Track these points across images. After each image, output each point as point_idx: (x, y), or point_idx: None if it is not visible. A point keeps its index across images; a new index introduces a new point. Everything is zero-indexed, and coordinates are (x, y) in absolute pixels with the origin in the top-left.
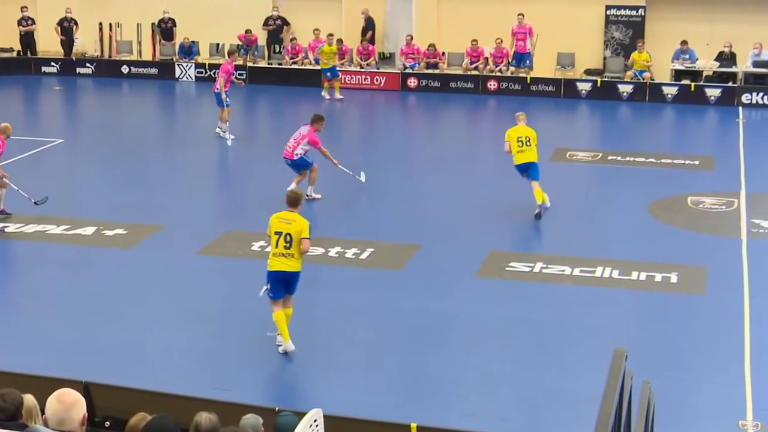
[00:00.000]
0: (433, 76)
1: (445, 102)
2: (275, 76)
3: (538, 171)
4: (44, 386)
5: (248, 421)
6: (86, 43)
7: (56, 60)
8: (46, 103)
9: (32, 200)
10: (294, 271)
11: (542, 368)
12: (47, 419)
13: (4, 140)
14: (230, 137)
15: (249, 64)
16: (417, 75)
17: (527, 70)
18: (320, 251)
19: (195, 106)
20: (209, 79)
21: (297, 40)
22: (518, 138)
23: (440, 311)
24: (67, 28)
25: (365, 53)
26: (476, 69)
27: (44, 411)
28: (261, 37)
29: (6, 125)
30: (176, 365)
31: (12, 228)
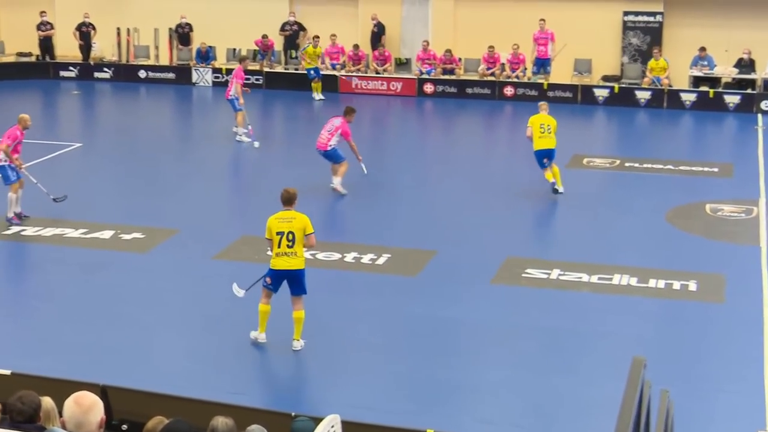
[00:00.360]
0: (450, 82)
1: (462, 108)
2: (291, 81)
3: (554, 156)
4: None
5: None
6: (104, 48)
7: (74, 64)
8: (64, 107)
9: (51, 196)
10: (298, 269)
11: (557, 375)
12: (65, 422)
13: (23, 131)
14: (246, 139)
15: (265, 69)
16: (433, 81)
17: (546, 76)
18: (336, 256)
19: (212, 111)
20: (226, 84)
21: None
22: (540, 125)
23: (456, 317)
24: (85, 33)
25: (381, 59)
26: (493, 75)
27: (62, 414)
28: (277, 43)
29: (24, 116)
30: (192, 369)
31: (30, 231)
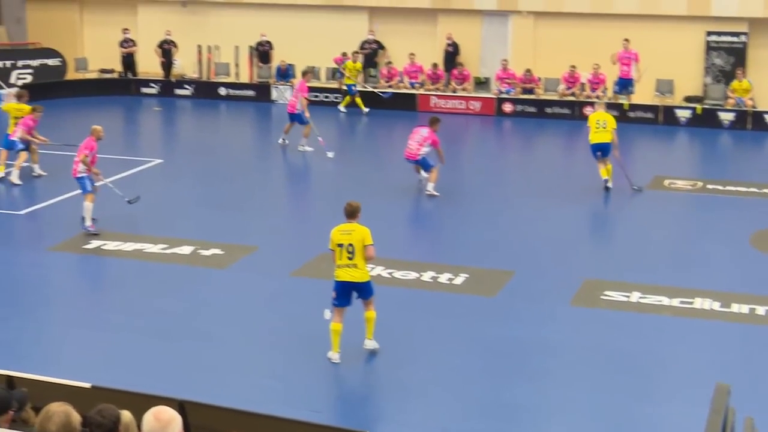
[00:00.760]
0: (529, 102)
1: (541, 127)
2: (370, 99)
3: (610, 152)
4: (141, 403)
5: None
6: (185, 65)
7: (156, 81)
8: (146, 124)
9: (125, 198)
10: (361, 281)
11: (636, 399)
12: None
13: (96, 141)
14: (309, 148)
15: (344, 87)
16: (512, 100)
17: (628, 97)
18: (413, 275)
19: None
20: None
21: (392, 64)
22: (597, 121)
23: (533, 339)
24: (167, 50)
25: (460, 78)
26: (573, 95)
27: (141, 428)
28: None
29: (97, 127)
30: (269, 385)
31: (111, 245)
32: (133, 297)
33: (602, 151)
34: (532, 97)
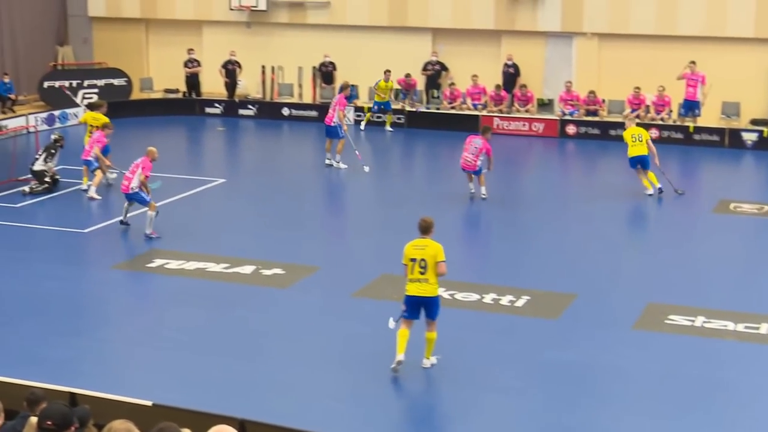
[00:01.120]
0: (593, 123)
1: (605, 149)
2: (433, 121)
3: (649, 163)
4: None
5: None
6: (249, 86)
7: (219, 101)
8: (209, 144)
9: (154, 185)
10: (430, 296)
11: (699, 425)
12: None
13: (151, 162)
14: (343, 166)
15: (407, 109)
16: (576, 122)
17: (694, 119)
18: (475, 297)
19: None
20: (368, 123)
21: (455, 85)
22: (632, 135)
23: (595, 363)
24: (231, 71)
25: (523, 99)
26: (637, 117)
27: None
28: (420, 82)
29: (153, 149)
30: (329, 406)
31: (174, 264)
32: (195, 316)
33: (641, 163)
34: (596, 119)
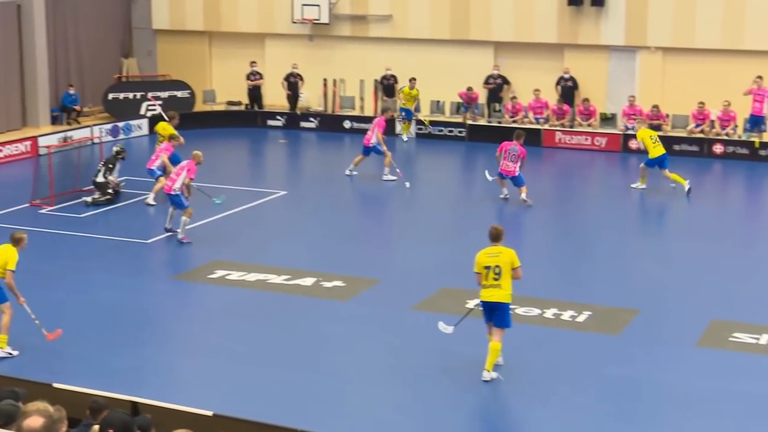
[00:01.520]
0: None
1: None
2: (494, 134)
3: (668, 161)
4: None
5: None
6: (311, 98)
7: (281, 114)
8: (271, 156)
9: (212, 197)
10: (502, 302)
11: None
12: None
13: (196, 165)
14: (393, 178)
15: (468, 122)
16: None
17: (760, 134)
18: (536, 312)
19: (413, 163)
20: (430, 137)
21: (517, 99)
22: (651, 137)
23: (656, 380)
24: (293, 83)
25: (586, 113)
26: (702, 132)
27: None
28: (481, 95)
29: (198, 153)
30: (388, 419)
31: (234, 276)
32: (255, 327)
33: (660, 164)
34: (660, 134)
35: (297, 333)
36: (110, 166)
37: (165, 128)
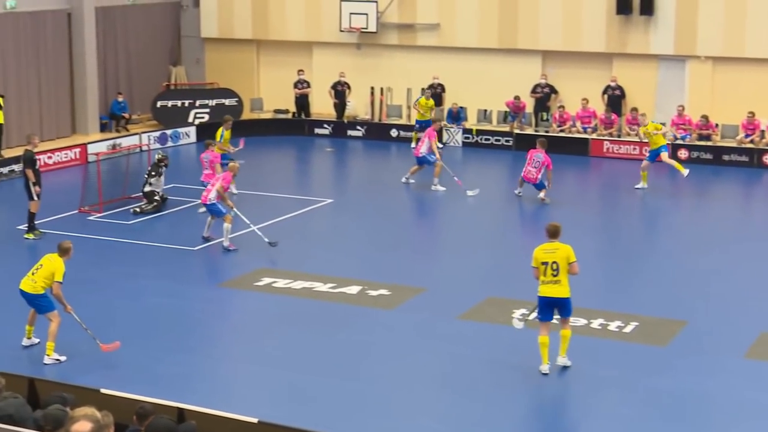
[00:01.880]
0: (706, 148)
1: (717, 175)
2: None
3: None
4: None
5: None
6: (358, 107)
7: (328, 122)
8: (318, 164)
9: (266, 239)
10: (562, 297)
11: None
12: None
13: (233, 176)
14: (441, 188)
15: (516, 131)
16: (688, 146)
17: None
18: (582, 322)
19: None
20: (476, 145)
21: (565, 108)
22: (656, 129)
23: (704, 392)
24: (340, 92)
25: (634, 122)
26: (752, 142)
27: None
28: (529, 105)
29: (236, 165)
30: (434, 428)
31: (281, 283)
32: (301, 335)
33: (662, 150)
34: (709, 144)
35: (342, 341)
36: (153, 173)
37: (215, 136)
